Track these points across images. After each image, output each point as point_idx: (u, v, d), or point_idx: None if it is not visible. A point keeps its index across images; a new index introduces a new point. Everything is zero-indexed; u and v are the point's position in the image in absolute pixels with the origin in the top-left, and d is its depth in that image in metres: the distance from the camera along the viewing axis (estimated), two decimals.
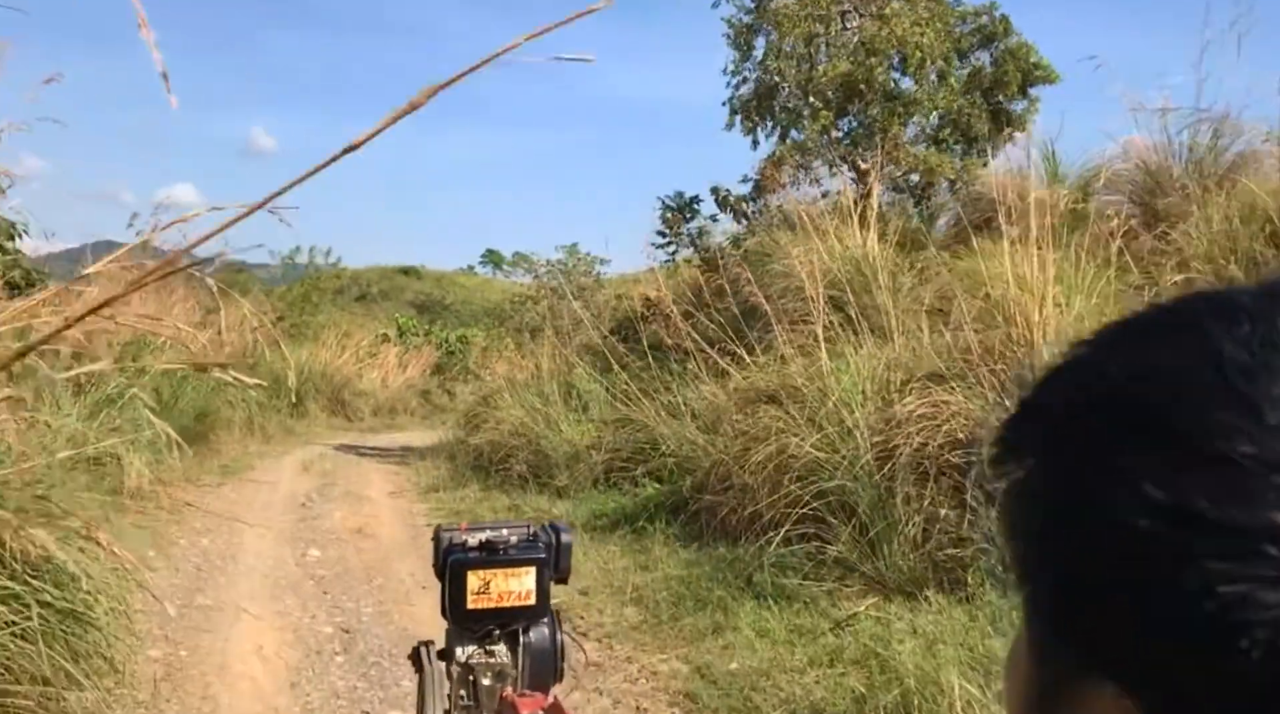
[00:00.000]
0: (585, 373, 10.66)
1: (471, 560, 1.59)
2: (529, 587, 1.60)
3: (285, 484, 10.71)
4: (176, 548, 7.24)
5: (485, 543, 1.63)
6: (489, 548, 1.61)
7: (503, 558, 1.60)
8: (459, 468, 11.25)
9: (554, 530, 1.74)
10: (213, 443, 11.94)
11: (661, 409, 9.28)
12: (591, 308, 27.72)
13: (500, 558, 1.59)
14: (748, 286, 9.17)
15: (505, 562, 1.59)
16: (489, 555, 1.60)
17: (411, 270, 48.73)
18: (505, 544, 1.63)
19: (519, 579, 1.59)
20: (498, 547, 1.61)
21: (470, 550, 1.61)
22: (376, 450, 14.94)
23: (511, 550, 1.62)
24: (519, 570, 1.59)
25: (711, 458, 7.59)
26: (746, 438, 6.89)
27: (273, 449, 13.71)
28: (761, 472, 6.41)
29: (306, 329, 22.62)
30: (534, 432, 10.18)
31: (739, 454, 6.97)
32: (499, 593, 1.57)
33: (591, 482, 9.22)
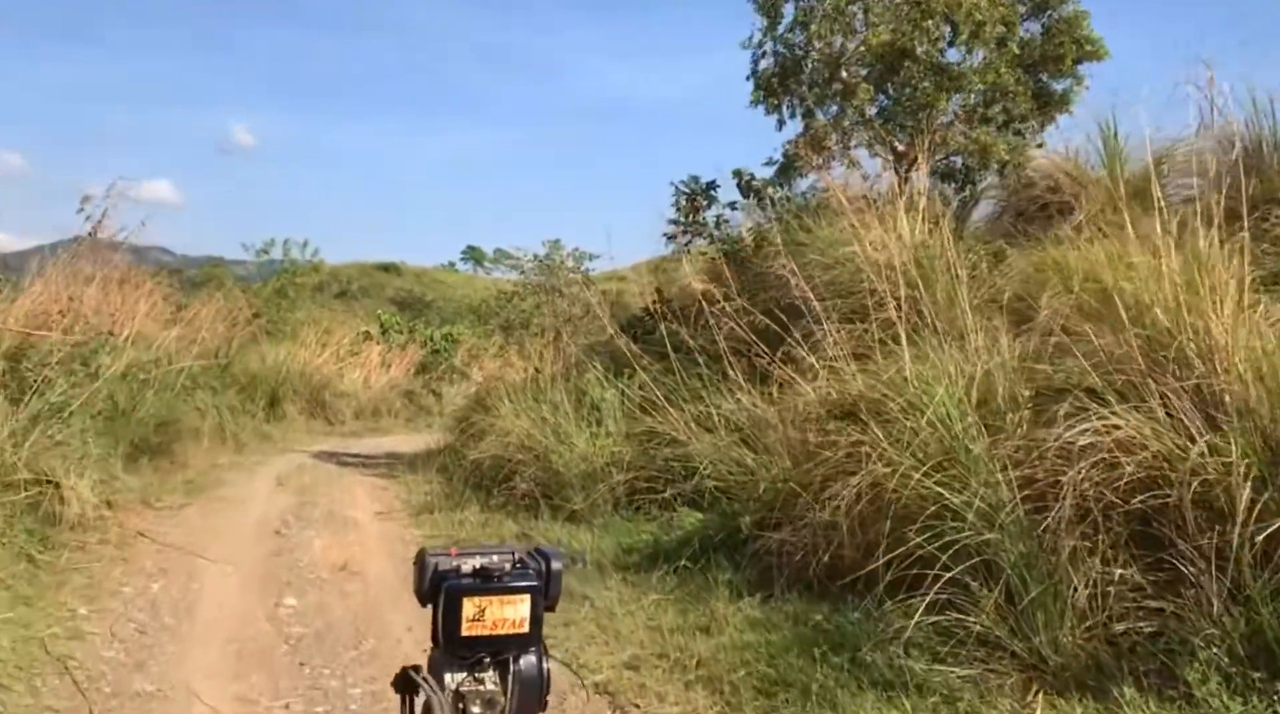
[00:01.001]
0: (598, 378, 9.22)
1: (467, 587, 1.47)
2: (523, 614, 1.46)
3: (258, 504, 9.20)
4: (119, 598, 5.74)
5: (480, 569, 1.50)
6: (484, 574, 1.48)
7: (498, 585, 1.47)
8: (454, 484, 9.77)
9: (543, 557, 1.58)
10: (177, 455, 10.42)
11: (691, 420, 7.87)
12: (580, 305, 26.26)
13: (496, 585, 1.47)
14: (793, 279, 7.76)
15: (501, 589, 1.46)
16: (484, 582, 1.47)
17: (392, 267, 47.28)
18: (501, 571, 1.50)
19: (514, 607, 1.47)
20: (493, 573, 1.49)
21: (464, 576, 1.49)
22: (360, 458, 13.43)
23: (507, 577, 1.49)
24: (514, 598, 1.46)
25: (768, 484, 6.18)
26: (823, 464, 5.48)
27: (246, 459, 12.18)
28: (850, 508, 5.01)
29: (284, 327, 21.03)
30: (541, 445, 8.73)
31: (811, 482, 5.56)
32: (494, 620, 1.45)
33: (612, 505, 7.79)
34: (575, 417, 8.97)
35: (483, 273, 49.57)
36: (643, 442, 7.97)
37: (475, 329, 24.93)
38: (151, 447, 9.94)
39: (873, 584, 4.66)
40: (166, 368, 11.50)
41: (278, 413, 16.49)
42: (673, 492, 7.49)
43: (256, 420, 15.05)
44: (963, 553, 4.29)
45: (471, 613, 1.46)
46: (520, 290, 27.37)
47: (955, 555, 4.31)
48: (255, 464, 11.87)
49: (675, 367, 8.49)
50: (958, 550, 4.31)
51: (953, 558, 4.31)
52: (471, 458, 9.44)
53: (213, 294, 17.32)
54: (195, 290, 19.73)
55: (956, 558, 4.31)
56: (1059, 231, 9.13)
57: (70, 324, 9.69)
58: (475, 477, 9.31)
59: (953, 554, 4.30)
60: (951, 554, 4.30)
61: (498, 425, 10.00)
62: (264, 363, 16.78)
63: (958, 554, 4.30)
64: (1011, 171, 9.57)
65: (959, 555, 4.31)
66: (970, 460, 4.62)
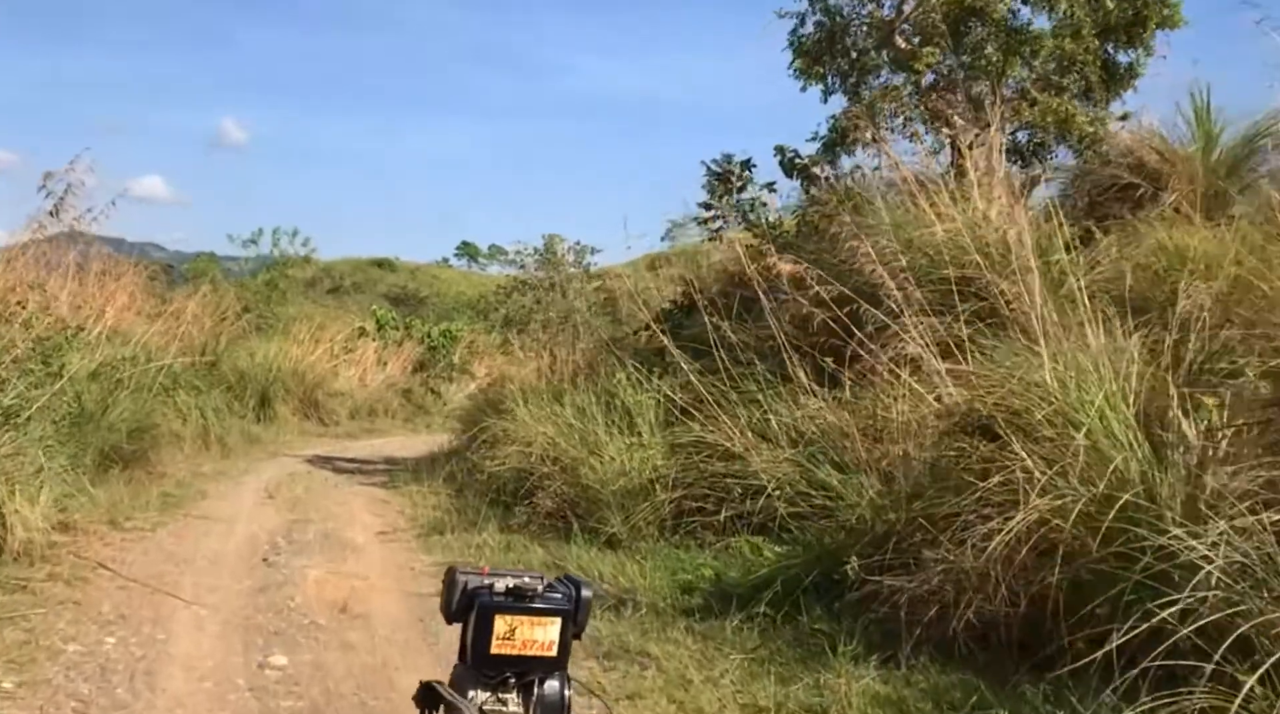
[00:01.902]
0: (630, 379, 7.96)
1: (500, 605, 1.44)
2: (553, 637, 1.44)
3: (243, 522, 7.91)
4: (60, 661, 4.46)
5: (513, 589, 1.46)
6: (517, 594, 1.46)
7: (531, 606, 1.45)
8: (466, 498, 8.52)
9: (573, 584, 1.53)
10: (154, 464, 9.12)
11: (747, 429, 6.64)
12: (583, 299, 24.95)
13: (528, 606, 1.45)
14: (870, 265, 6.53)
15: (533, 610, 1.45)
16: (517, 601, 1.45)
17: (385, 262, 45.90)
18: (533, 592, 1.46)
19: (544, 629, 1.44)
20: (526, 594, 1.46)
21: (498, 594, 1.45)
22: (357, 464, 12.15)
23: (539, 599, 1.46)
24: (545, 620, 1.44)
25: (868, 512, 4.94)
26: (956, 490, 4.25)
27: (232, 466, 10.88)
28: (1009, 553, 3.78)
29: (275, 322, 19.70)
30: (569, 456, 7.47)
31: (937, 515, 4.33)
32: (523, 640, 1.43)
33: (657, 528, 6.54)
34: (605, 422, 7.72)
35: (478, 269, 48.28)
36: (689, 454, 6.72)
37: (474, 325, 23.63)
38: (124, 455, 8.64)
39: (1046, 650, 3.44)
40: (144, 366, 10.21)
41: (268, 413, 15.18)
42: (729, 513, 6.25)
43: (245, 422, 13.75)
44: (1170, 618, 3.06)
45: (503, 631, 1.40)
46: (520, 285, 26.11)
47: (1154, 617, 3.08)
48: (242, 472, 10.58)
49: (721, 365, 7.26)
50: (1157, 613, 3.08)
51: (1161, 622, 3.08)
52: (489, 470, 8.15)
53: (198, 287, 15.98)
54: (184, 286, 18.42)
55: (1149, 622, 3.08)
56: (1149, 213, 7.97)
57: (31, 317, 8.38)
58: (491, 490, 8.05)
59: (1145, 614, 3.07)
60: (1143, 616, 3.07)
61: (514, 431, 8.75)
62: (253, 360, 15.47)
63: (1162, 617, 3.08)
64: (1090, 146, 8.36)
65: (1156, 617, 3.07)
66: (1163, 494, 3.38)
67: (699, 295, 8.96)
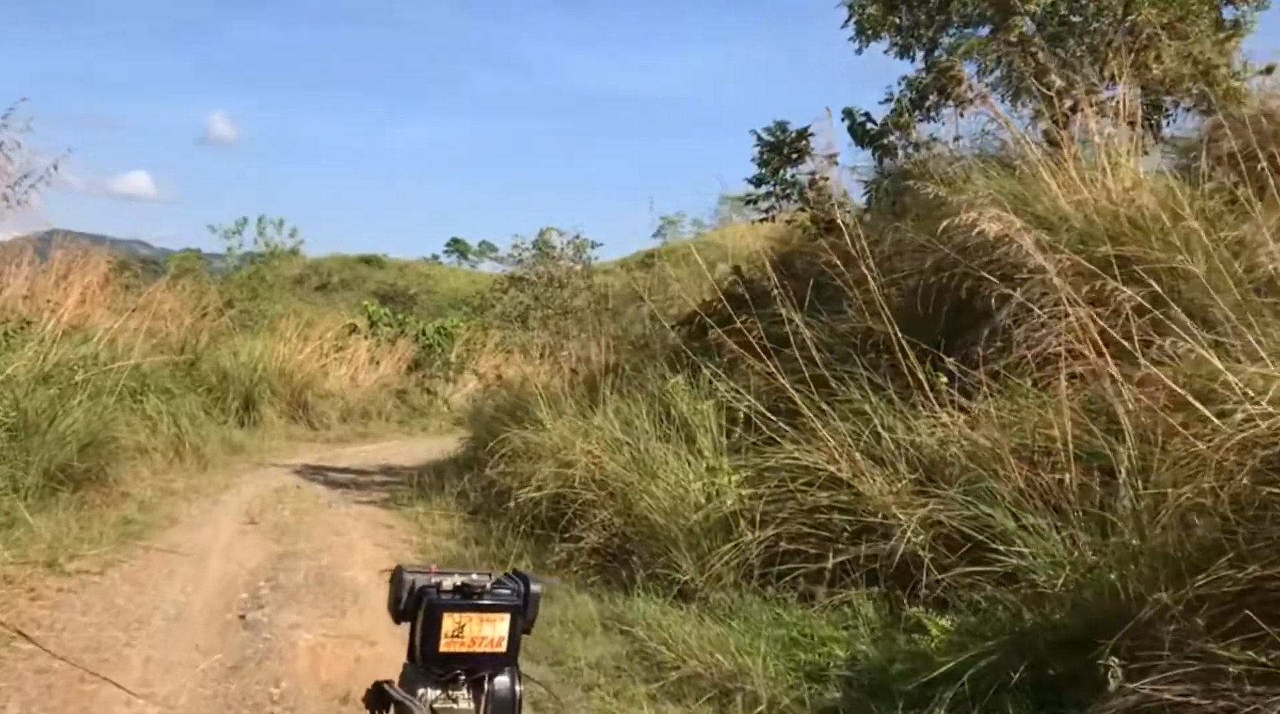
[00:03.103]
0: (688, 385, 6.42)
1: (448, 603, 1.38)
2: (502, 634, 1.39)
3: (218, 556, 6.34)
4: None
5: (461, 586, 1.40)
6: (465, 591, 1.40)
7: (479, 603, 1.39)
8: (485, 523, 6.99)
9: (521, 580, 1.48)
10: (113, 483, 7.51)
11: (853, 449, 5.11)
12: (587, 295, 23.36)
13: (477, 603, 1.39)
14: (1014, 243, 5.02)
15: (481, 607, 1.39)
16: (465, 599, 1.39)
17: (374, 259, 44.25)
18: (481, 589, 1.40)
19: (493, 625, 1.38)
20: (474, 591, 1.40)
21: (445, 592, 1.40)
22: (351, 475, 10.57)
23: (487, 595, 1.41)
24: (494, 617, 1.39)
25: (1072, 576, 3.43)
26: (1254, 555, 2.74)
27: (209, 481, 9.27)
28: None
29: (261, 319, 18.05)
30: (619, 479, 5.94)
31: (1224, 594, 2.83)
32: (472, 637, 1.38)
33: (743, 576, 5.01)
34: (656, 436, 6.18)
35: (468, 266, 46.67)
36: (780, 480, 5.18)
37: (470, 322, 22.04)
38: (75, 474, 7.03)
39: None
40: (107, 366, 8.61)
41: (253, 417, 13.58)
42: (837, 559, 4.73)
43: (226, 428, 12.15)
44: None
45: (451, 629, 1.36)
46: (516, 282, 24.52)
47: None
48: (221, 488, 8.97)
49: (804, 367, 5.74)
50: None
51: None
52: (520, 496, 6.57)
53: (176, 279, 14.36)
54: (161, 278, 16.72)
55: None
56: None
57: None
58: (518, 516, 6.50)
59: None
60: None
61: (542, 445, 7.23)
62: (237, 360, 13.86)
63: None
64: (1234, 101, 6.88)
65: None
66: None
67: (768, 280, 7.45)
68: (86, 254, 11.42)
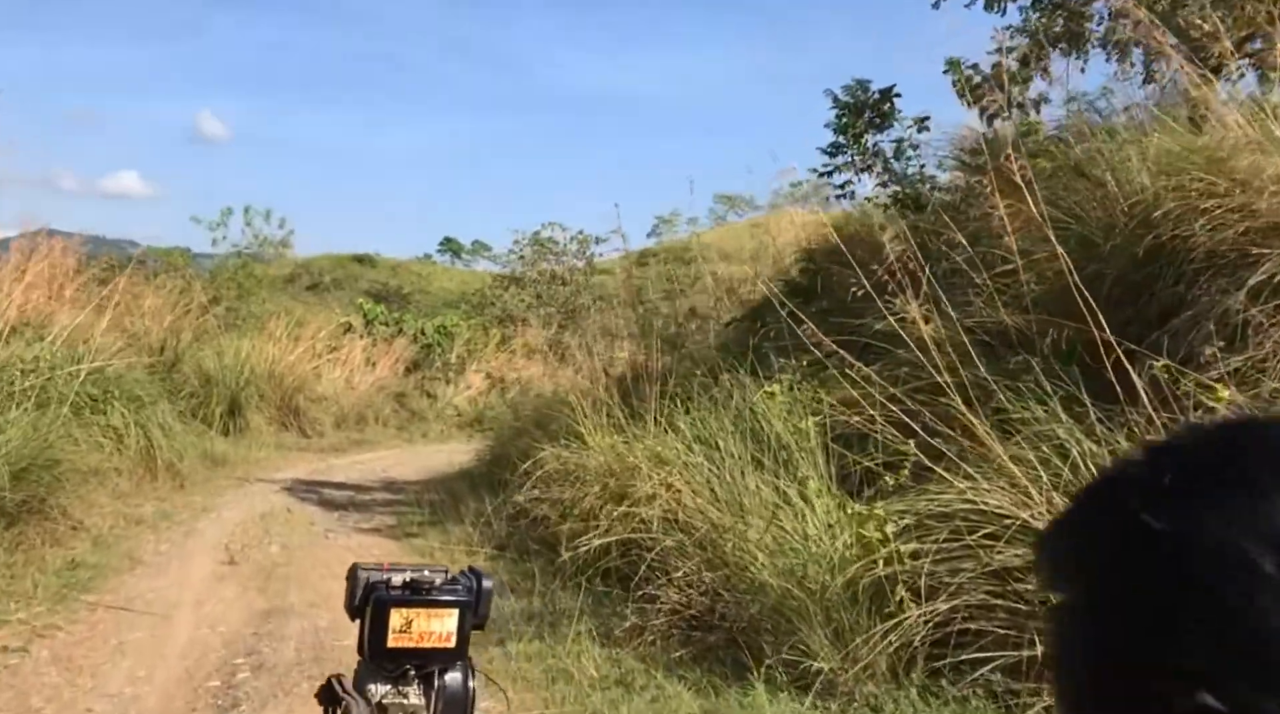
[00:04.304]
0: (784, 395, 4.94)
1: (395, 598, 1.33)
2: (450, 629, 1.34)
3: (184, 618, 4.82)
4: None
5: (410, 582, 1.36)
6: (413, 587, 1.35)
7: (426, 598, 1.34)
8: (521, 564, 5.52)
9: (474, 575, 1.41)
10: (60, 515, 5.97)
11: (1049, 488, 3.64)
12: (586, 293, 21.84)
13: (424, 598, 1.34)
14: None
15: (429, 602, 1.34)
16: (413, 594, 1.34)
17: (366, 258, 42.67)
18: (430, 585, 1.35)
19: (441, 620, 1.33)
20: (422, 586, 1.35)
21: (394, 589, 1.35)
22: (349, 493, 9.06)
23: (435, 591, 1.35)
24: (442, 612, 1.33)
25: None
26: None
27: (185, 503, 7.73)
28: None
29: (248, 318, 16.47)
30: (708, 520, 4.45)
31: None
32: (420, 633, 1.33)
33: (903, 665, 3.53)
34: (749, 463, 4.70)
35: (461, 265, 45.06)
36: (951, 530, 3.71)
37: (471, 320, 20.50)
38: (8, 505, 5.49)
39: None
40: (60, 369, 7.08)
41: (239, 424, 12.03)
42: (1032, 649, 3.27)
43: (208, 438, 10.60)
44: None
45: (398, 624, 1.31)
46: (514, 281, 23.03)
47: None
48: (198, 513, 7.44)
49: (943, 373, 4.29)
50: None
51: None
52: (576, 542, 5.04)
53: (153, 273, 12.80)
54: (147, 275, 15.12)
55: None
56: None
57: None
58: (573, 568, 4.98)
59: None
60: None
61: (583, 466, 5.76)
62: (222, 361, 12.31)
63: None
64: None
65: None
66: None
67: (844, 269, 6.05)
68: (49, 242, 9.90)
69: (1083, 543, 0.44)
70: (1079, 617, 0.43)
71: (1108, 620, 0.41)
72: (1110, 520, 0.43)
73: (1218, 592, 0.38)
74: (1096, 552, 0.43)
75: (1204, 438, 0.45)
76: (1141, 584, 0.40)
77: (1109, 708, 0.41)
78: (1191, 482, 0.41)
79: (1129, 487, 0.43)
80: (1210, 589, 0.38)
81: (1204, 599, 0.38)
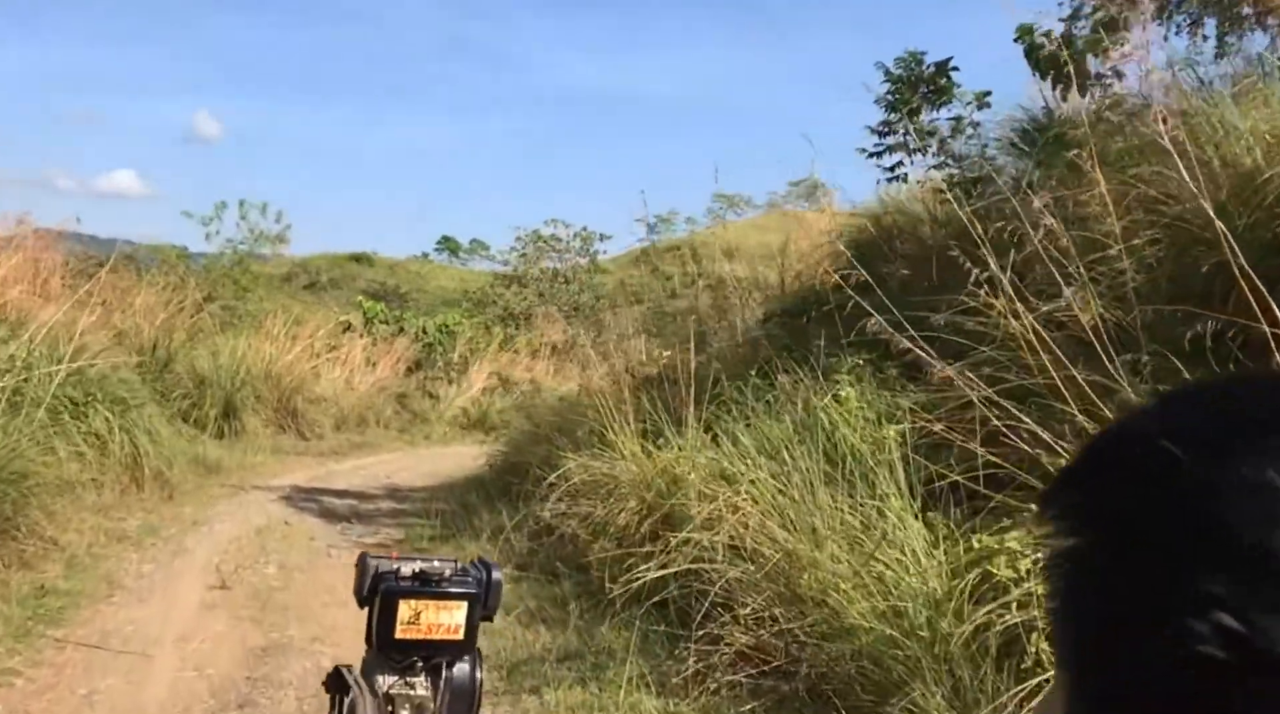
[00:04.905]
0: (859, 399, 4.26)
1: (404, 589, 1.29)
2: (459, 621, 1.30)
3: (166, 659, 4.11)
4: None
5: (419, 573, 1.30)
6: (423, 578, 1.30)
7: (436, 590, 1.29)
8: (549, 588, 4.83)
9: (484, 566, 1.36)
10: (26, 535, 5.25)
11: None
12: (590, 291, 21.13)
13: (433, 590, 1.29)
14: None
15: (438, 594, 1.29)
16: (422, 586, 1.29)
17: (363, 257, 41.97)
18: (440, 576, 1.30)
19: (450, 613, 1.29)
20: (431, 578, 1.30)
21: (403, 579, 1.30)
22: (351, 502, 8.36)
23: (445, 583, 1.30)
24: (451, 604, 1.30)
25: None
26: None
27: (174, 516, 7.03)
28: None
29: (244, 317, 15.74)
30: (779, 546, 3.76)
31: None
32: (429, 625, 1.29)
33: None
34: (815, 475, 4.01)
35: (458, 264, 44.33)
36: None
37: (473, 318, 19.79)
38: None
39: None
40: (26, 373, 6.37)
41: (234, 427, 11.33)
42: None
43: (201, 442, 9.89)
44: None
45: (407, 616, 1.27)
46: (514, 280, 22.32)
47: None
48: (187, 527, 6.73)
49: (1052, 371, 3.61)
50: None
51: None
52: (650, 577, 4.30)
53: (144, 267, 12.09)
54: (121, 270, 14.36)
55: None
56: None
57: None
58: (620, 604, 4.28)
59: None
60: None
61: (614, 475, 5.08)
62: (216, 361, 11.61)
63: None
64: None
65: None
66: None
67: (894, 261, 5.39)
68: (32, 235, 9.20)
69: (1099, 486, 0.42)
70: (1093, 561, 0.41)
71: (1127, 560, 0.39)
72: (1127, 460, 0.41)
73: (1238, 521, 0.37)
74: (1114, 493, 0.41)
75: (1218, 384, 0.44)
76: (1163, 520, 0.39)
77: (1120, 653, 0.39)
78: (1221, 423, 0.40)
79: (1146, 428, 0.42)
80: (1231, 520, 0.37)
81: (1225, 531, 0.37)
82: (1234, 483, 0.38)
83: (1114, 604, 0.40)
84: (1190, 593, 0.36)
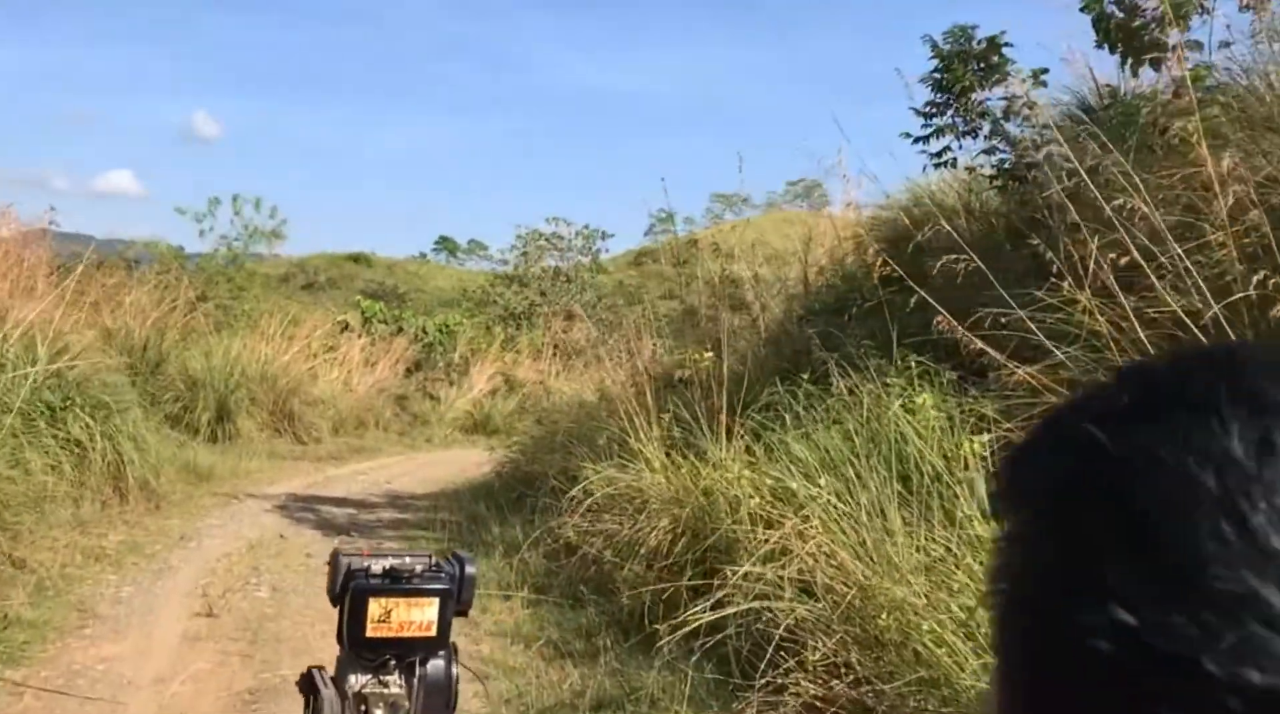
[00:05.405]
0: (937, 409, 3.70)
1: (374, 587, 1.25)
2: (431, 618, 1.27)
3: (144, 700, 3.54)
4: None
5: (389, 570, 1.27)
6: (393, 575, 1.27)
7: (406, 587, 1.26)
8: (579, 620, 4.26)
9: (458, 561, 1.33)
10: None
11: None
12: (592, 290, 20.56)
13: (404, 587, 1.26)
14: None
15: (409, 591, 1.26)
16: (392, 583, 1.26)
17: (361, 257, 41.46)
18: (410, 573, 1.27)
19: (421, 610, 1.26)
20: (402, 575, 1.27)
21: (373, 577, 1.26)
22: (350, 512, 7.79)
23: (416, 580, 1.27)
24: (422, 601, 1.26)
25: None
26: None
27: (159, 530, 6.45)
28: None
29: (239, 317, 15.15)
30: (853, 580, 3.21)
31: None
32: (400, 622, 1.26)
33: None
34: (887, 496, 3.46)
35: (456, 264, 43.79)
36: None
37: (474, 318, 19.21)
38: None
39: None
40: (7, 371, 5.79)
41: (228, 431, 10.77)
42: None
43: (192, 447, 9.31)
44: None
45: (377, 614, 1.24)
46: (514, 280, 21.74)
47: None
48: (173, 543, 6.15)
49: None
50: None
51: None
52: (705, 620, 3.71)
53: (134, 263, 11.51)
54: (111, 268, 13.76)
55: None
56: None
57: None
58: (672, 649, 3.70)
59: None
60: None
61: (640, 488, 4.52)
62: (210, 362, 11.03)
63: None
64: None
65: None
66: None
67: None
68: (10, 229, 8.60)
69: (1032, 466, 0.41)
70: (1017, 543, 0.39)
71: (1044, 543, 0.38)
72: (1060, 441, 0.40)
73: (1146, 507, 0.35)
74: (1044, 474, 0.39)
75: (1173, 359, 0.41)
76: (1079, 503, 0.37)
77: (1030, 643, 0.37)
78: (1148, 400, 0.38)
79: (1085, 408, 0.40)
80: (1140, 505, 0.35)
81: (1135, 516, 0.35)
82: (1146, 465, 0.35)
83: (1026, 589, 0.38)
84: (1091, 582, 0.34)
